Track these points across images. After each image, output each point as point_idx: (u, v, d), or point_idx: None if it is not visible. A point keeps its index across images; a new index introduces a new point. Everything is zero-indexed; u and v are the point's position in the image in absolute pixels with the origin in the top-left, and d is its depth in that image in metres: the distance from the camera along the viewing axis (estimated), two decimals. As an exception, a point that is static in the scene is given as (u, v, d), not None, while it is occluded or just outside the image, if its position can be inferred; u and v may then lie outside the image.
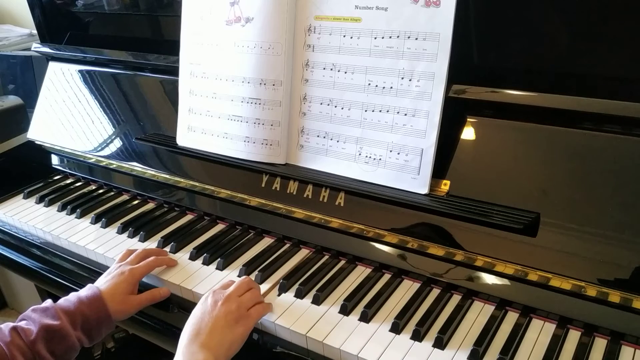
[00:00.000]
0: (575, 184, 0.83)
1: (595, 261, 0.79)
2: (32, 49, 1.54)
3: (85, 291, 0.93)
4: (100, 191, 1.36)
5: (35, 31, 1.63)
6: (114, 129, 1.34)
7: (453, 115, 0.90)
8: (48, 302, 0.90)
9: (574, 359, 0.77)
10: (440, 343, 0.81)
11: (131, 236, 1.16)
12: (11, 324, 0.86)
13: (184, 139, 1.19)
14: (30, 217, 1.28)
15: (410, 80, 0.91)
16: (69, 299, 0.91)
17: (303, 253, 1.05)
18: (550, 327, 0.82)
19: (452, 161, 0.92)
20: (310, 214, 1.04)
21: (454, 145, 0.92)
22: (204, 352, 0.77)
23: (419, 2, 0.88)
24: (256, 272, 0.99)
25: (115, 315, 0.93)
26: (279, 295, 0.94)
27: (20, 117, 1.58)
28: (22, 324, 0.87)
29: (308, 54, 1.02)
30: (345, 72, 0.98)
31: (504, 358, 0.76)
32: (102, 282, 0.96)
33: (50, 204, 1.32)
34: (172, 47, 1.18)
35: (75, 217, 1.25)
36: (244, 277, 0.97)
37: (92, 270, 1.12)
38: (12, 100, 1.62)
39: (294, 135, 1.06)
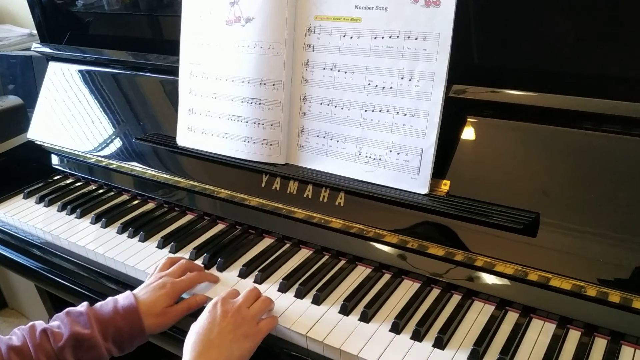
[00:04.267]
0: (575, 184, 0.83)
1: (595, 261, 0.79)
2: (32, 49, 1.54)
3: (123, 300, 0.89)
4: (100, 191, 1.36)
5: (35, 31, 1.63)
6: (114, 129, 1.34)
7: (453, 115, 0.90)
8: (84, 306, 0.87)
9: (574, 359, 0.77)
10: (440, 343, 0.81)
11: (131, 236, 1.15)
12: (44, 325, 0.84)
13: (184, 139, 1.19)
14: (30, 217, 1.28)
15: (410, 80, 0.91)
16: (105, 304, 0.88)
17: (303, 253, 1.05)
18: (550, 327, 0.82)
19: (452, 161, 0.92)
20: (310, 214, 1.04)
21: (454, 145, 0.92)
22: None
23: (419, 2, 0.88)
24: (256, 272, 0.99)
25: (150, 329, 0.88)
26: (278, 295, 0.94)
27: (20, 117, 1.58)
28: (54, 325, 0.85)
29: (308, 54, 1.02)
30: (345, 72, 0.98)
31: (504, 358, 0.76)
32: (142, 293, 0.92)
33: (50, 204, 1.32)
34: (172, 47, 1.18)
35: (75, 217, 1.25)
36: (251, 287, 0.91)
37: (92, 271, 1.12)
38: (12, 100, 1.62)
39: (294, 135, 1.06)
